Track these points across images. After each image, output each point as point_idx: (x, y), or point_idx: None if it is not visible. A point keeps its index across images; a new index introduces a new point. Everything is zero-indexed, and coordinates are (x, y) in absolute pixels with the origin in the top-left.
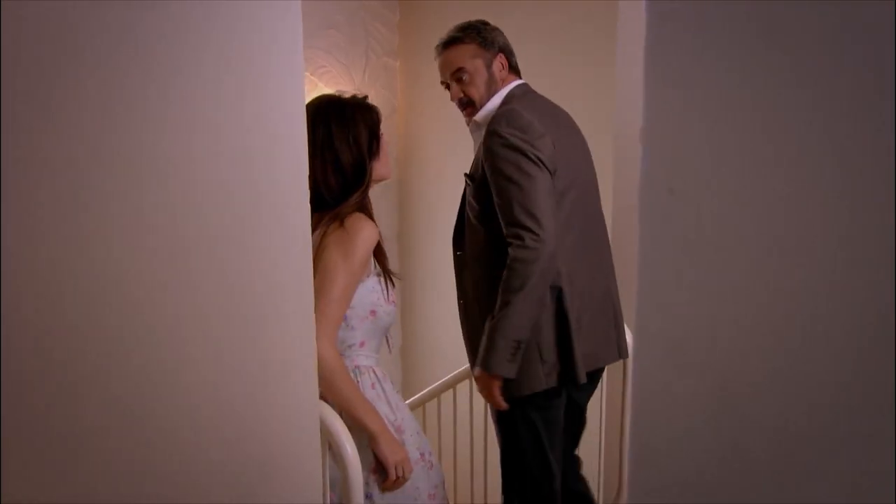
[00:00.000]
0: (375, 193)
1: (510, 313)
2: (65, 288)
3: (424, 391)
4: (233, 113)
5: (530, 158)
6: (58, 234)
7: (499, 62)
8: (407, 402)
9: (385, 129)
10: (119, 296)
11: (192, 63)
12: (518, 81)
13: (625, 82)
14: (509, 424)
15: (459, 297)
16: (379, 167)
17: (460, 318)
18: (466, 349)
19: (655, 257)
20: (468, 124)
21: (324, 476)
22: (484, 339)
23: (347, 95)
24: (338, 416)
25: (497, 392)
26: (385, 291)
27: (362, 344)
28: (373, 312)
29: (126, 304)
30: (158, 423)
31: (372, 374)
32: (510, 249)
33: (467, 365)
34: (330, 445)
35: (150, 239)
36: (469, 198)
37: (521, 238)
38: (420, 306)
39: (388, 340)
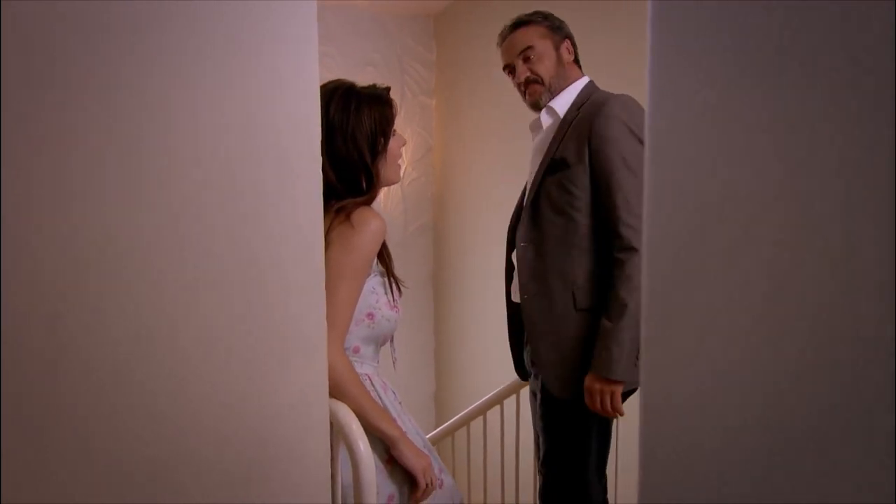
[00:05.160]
0: (412, 235)
1: (635, 312)
2: (64, 284)
3: (456, 417)
4: (239, 97)
5: None
6: (54, 232)
7: (566, 47)
8: (438, 429)
9: (421, 168)
10: (116, 287)
11: (196, 48)
12: (588, 78)
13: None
14: (583, 433)
15: (522, 293)
16: (385, 169)
17: (516, 319)
18: (525, 350)
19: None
20: (534, 105)
21: (333, 477)
22: (606, 343)
23: (365, 84)
24: (351, 413)
25: (619, 398)
26: (389, 295)
27: (356, 349)
28: (370, 315)
29: (123, 296)
30: (154, 421)
31: (367, 383)
32: (635, 244)
33: (493, 391)
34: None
35: (149, 228)
36: (565, 184)
37: (640, 232)
38: (456, 347)
39: (392, 352)
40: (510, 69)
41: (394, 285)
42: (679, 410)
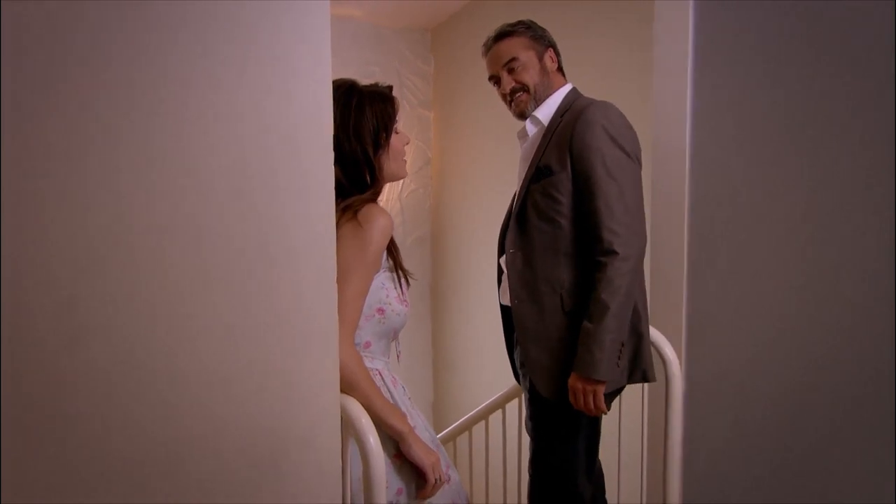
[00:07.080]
0: (410, 245)
1: (616, 314)
2: (79, 277)
3: (458, 422)
4: (253, 91)
5: (633, 160)
6: (70, 234)
7: (549, 56)
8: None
9: (419, 179)
10: (130, 280)
11: (211, 43)
12: (571, 85)
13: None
14: (571, 433)
15: (513, 298)
16: (389, 164)
17: (510, 321)
18: (520, 355)
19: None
20: (521, 115)
21: (343, 471)
22: (587, 345)
23: (367, 83)
24: (361, 408)
25: (602, 397)
26: (398, 290)
27: (367, 345)
28: (380, 310)
29: (136, 288)
30: (166, 412)
31: (378, 378)
32: (616, 248)
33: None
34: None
35: (162, 220)
36: (549, 191)
37: (622, 238)
38: (454, 357)
39: (396, 346)
40: (495, 80)
41: (402, 280)
42: (721, 386)
